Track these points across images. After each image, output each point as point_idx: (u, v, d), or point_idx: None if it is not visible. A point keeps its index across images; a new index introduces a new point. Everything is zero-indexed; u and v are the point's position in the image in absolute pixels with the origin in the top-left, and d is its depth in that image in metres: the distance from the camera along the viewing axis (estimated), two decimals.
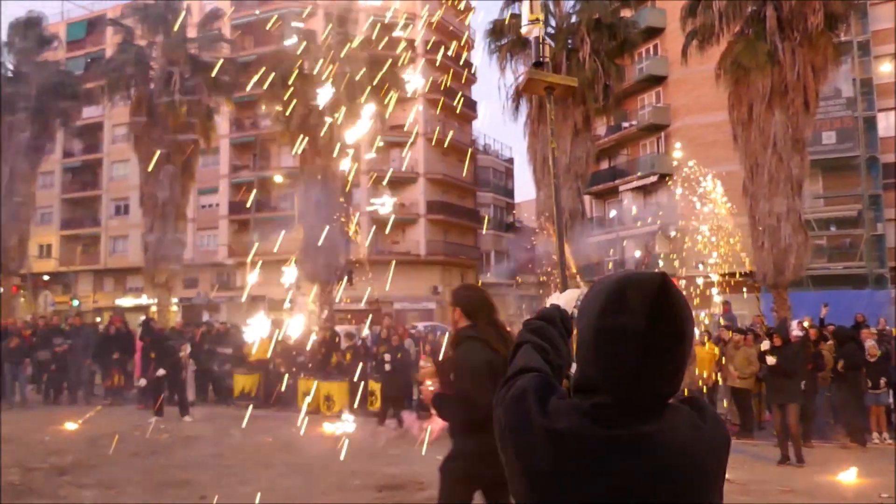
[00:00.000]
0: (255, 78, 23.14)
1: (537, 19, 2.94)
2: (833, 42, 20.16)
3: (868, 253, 30.90)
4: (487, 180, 49.39)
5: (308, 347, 15.78)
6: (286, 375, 15.10)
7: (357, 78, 21.31)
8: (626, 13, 30.46)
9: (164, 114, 25.42)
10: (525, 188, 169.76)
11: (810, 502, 7.83)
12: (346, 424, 11.48)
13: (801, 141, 19.97)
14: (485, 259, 48.26)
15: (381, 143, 32.74)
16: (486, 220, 44.84)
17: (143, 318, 18.87)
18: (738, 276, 21.31)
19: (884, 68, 29.30)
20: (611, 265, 38.71)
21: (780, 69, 19.36)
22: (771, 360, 9.95)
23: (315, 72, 23.21)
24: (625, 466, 1.34)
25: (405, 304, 40.63)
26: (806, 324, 12.83)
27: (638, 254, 33.95)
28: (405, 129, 39.48)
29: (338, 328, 19.50)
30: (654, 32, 35.65)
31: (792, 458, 9.80)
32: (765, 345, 10.23)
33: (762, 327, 13.47)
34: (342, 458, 8.92)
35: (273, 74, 22.62)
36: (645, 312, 1.35)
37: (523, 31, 3.17)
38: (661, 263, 31.38)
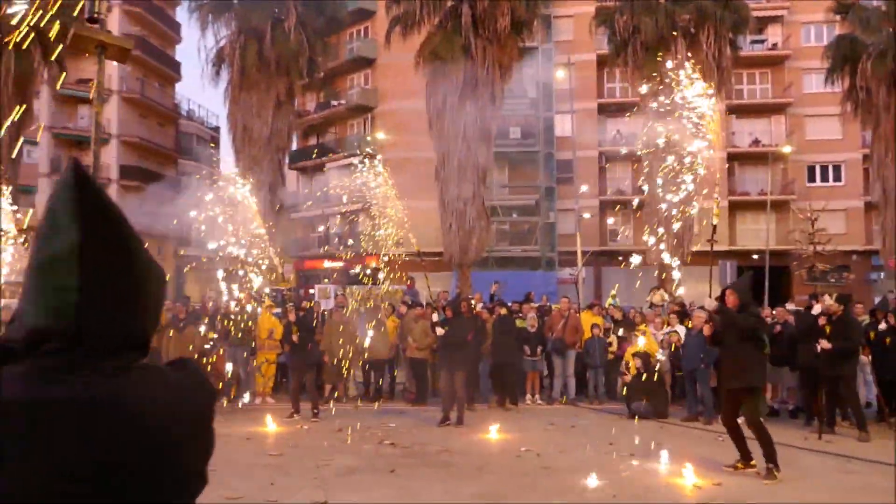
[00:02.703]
0: None
1: None
2: (518, 45, 22.19)
3: (542, 238, 34.74)
4: (191, 148, 46.78)
5: None
6: None
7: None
8: None
9: None
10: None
11: (462, 458, 8.53)
12: None
13: (488, 133, 21.72)
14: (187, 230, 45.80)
15: None
16: None
17: None
18: (426, 255, 22.55)
19: (559, 74, 32.87)
20: (316, 241, 38.95)
21: (473, 64, 20.83)
22: (440, 330, 10.74)
23: None
24: (84, 433, 1.16)
25: None
26: (475, 301, 13.99)
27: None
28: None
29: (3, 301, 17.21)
30: (366, 14, 36.34)
31: (453, 419, 10.66)
32: (435, 317, 10.97)
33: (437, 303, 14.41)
34: None
35: None
36: (74, 225, 1.19)
37: None
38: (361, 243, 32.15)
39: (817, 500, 6.76)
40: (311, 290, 27.48)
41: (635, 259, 15.67)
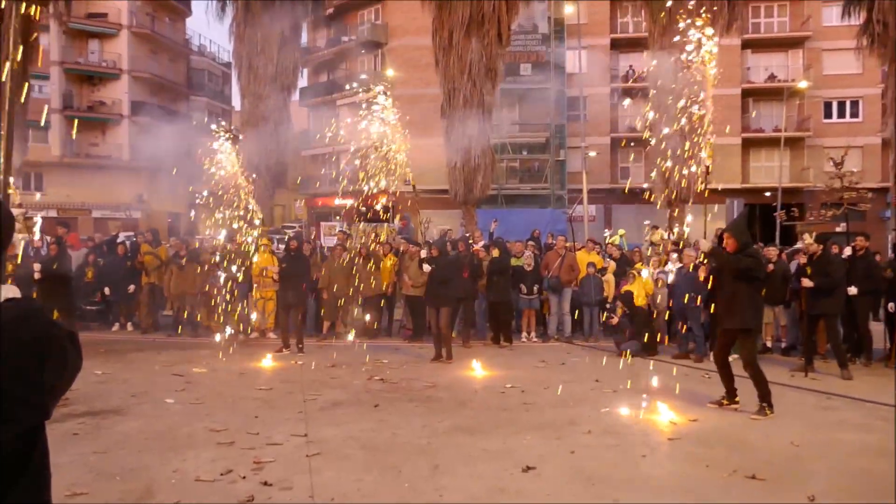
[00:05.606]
0: None
1: None
2: None
3: (552, 176, 34.58)
4: (202, 84, 46.55)
5: None
6: None
7: None
8: None
9: None
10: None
11: (446, 393, 8.76)
12: None
13: (494, 69, 21.37)
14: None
15: None
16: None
17: None
18: (436, 193, 22.56)
19: (568, 10, 32.06)
20: (328, 178, 38.97)
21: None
22: (427, 267, 10.90)
23: None
24: None
25: (105, 211, 37.77)
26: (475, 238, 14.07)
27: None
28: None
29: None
30: None
31: (444, 355, 10.91)
32: (423, 254, 11.11)
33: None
34: None
35: None
36: None
37: None
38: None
39: (786, 434, 6.90)
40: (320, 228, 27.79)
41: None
